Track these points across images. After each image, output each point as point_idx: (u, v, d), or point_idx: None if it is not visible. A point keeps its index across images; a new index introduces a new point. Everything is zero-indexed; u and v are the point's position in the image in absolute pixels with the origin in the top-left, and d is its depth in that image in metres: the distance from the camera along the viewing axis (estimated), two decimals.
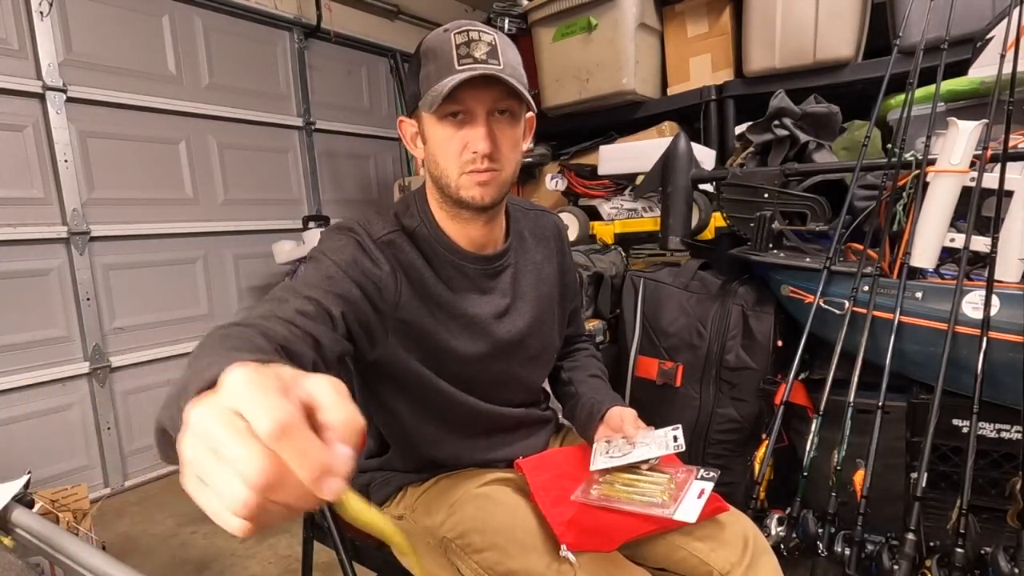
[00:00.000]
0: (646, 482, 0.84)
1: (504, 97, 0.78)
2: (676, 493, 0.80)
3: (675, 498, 0.78)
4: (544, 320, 0.96)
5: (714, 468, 0.84)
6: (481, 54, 0.76)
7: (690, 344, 1.69)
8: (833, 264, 1.42)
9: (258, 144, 2.86)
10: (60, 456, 2.23)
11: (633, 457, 0.86)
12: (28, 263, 2.13)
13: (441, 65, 0.76)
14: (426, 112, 0.79)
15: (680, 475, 0.84)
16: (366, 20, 3.32)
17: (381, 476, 0.95)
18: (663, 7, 2.33)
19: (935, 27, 1.58)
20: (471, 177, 0.79)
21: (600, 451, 0.90)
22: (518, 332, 0.91)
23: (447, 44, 0.77)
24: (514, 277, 0.92)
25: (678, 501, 0.78)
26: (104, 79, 2.29)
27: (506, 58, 0.78)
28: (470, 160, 0.79)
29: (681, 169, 1.84)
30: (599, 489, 0.83)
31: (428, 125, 0.81)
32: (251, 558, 1.83)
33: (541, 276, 0.96)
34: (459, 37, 0.76)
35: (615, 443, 0.90)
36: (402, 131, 0.89)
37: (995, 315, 1.20)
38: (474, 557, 0.78)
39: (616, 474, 0.86)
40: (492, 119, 0.79)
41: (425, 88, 0.78)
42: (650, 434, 0.89)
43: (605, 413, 0.95)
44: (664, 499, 0.79)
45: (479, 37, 0.77)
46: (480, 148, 0.77)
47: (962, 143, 1.29)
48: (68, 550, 0.74)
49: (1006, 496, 1.22)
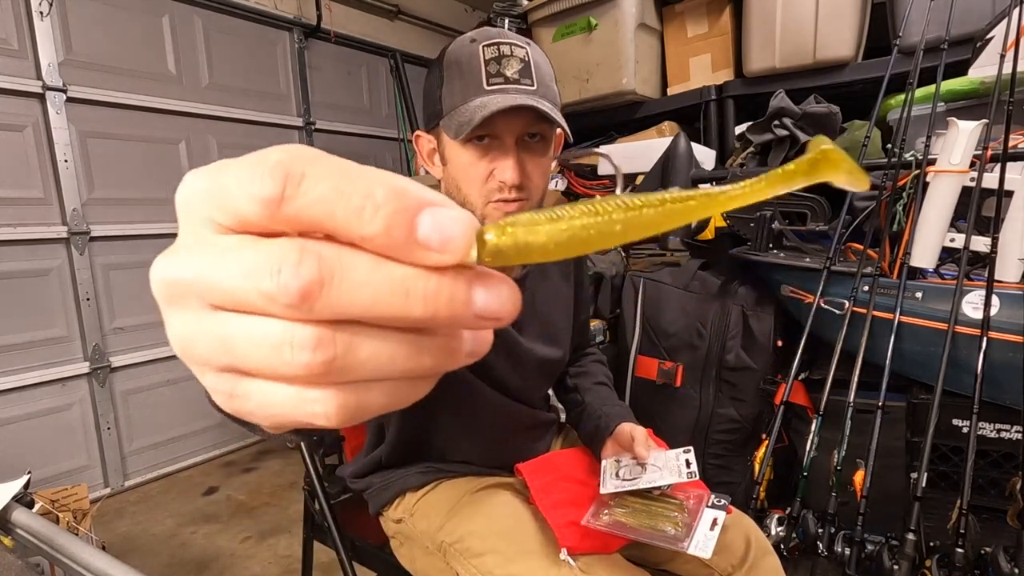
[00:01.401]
0: (658, 508, 0.82)
1: (536, 122, 0.72)
2: (689, 522, 0.78)
3: (689, 527, 0.77)
4: (558, 338, 0.95)
5: (724, 495, 0.82)
6: (513, 72, 0.69)
7: (690, 344, 1.69)
8: (833, 264, 1.42)
9: (258, 144, 2.75)
10: (60, 456, 2.23)
11: (644, 482, 0.83)
12: (28, 263, 2.13)
13: (468, 83, 0.69)
14: (448, 136, 0.73)
15: (691, 503, 0.82)
16: (366, 20, 3.32)
17: (380, 481, 0.94)
18: (663, 7, 2.33)
19: (935, 27, 1.58)
20: (497, 207, 0.73)
21: (610, 471, 0.87)
22: (531, 349, 0.90)
23: (475, 59, 0.70)
24: (531, 295, 0.90)
25: (692, 533, 0.76)
26: (104, 79, 2.29)
27: (539, 74, 0.71)
28: (496, 189, 0.73)
29: (681, 169, 1.84)
30: (611, 515, 0.81)
31: (450, 147, 0.75)
32: (251, 558, 1.83)
33: (558, 295, 0.95)
34: (488, 51, 0.69)
35: (625, 463, 0.88)
36: (418, 146, 0.82)
37: (995, 315, 1.20)
38: (473, 561, 0.78)
39: (627, 498, 0.84)
40: (521, 144, 0.73)
41: (448, 106, 0.71)
42: (662, 456, 0.87)
43: (615, 429, 0.92)
44: (677, 530, 0.77)
45: (511, 52, 0.69)
46: (508, 179, 0.71)
47: (962, 143, 1.29)
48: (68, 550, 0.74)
49: (1006, 496, 1.22)
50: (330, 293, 0.16)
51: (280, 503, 2.19)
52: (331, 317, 0.16)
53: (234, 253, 0.17)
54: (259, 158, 0.17)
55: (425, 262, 0.16)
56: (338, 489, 1.16)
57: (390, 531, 0.94)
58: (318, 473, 0.99)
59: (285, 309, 0.16)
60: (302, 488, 1.10)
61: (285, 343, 0.16)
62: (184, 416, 2.59)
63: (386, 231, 0.16)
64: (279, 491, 2.30)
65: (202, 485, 2.38)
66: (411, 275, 0.16)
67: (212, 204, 0.17)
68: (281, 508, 2.15)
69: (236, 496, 2.26)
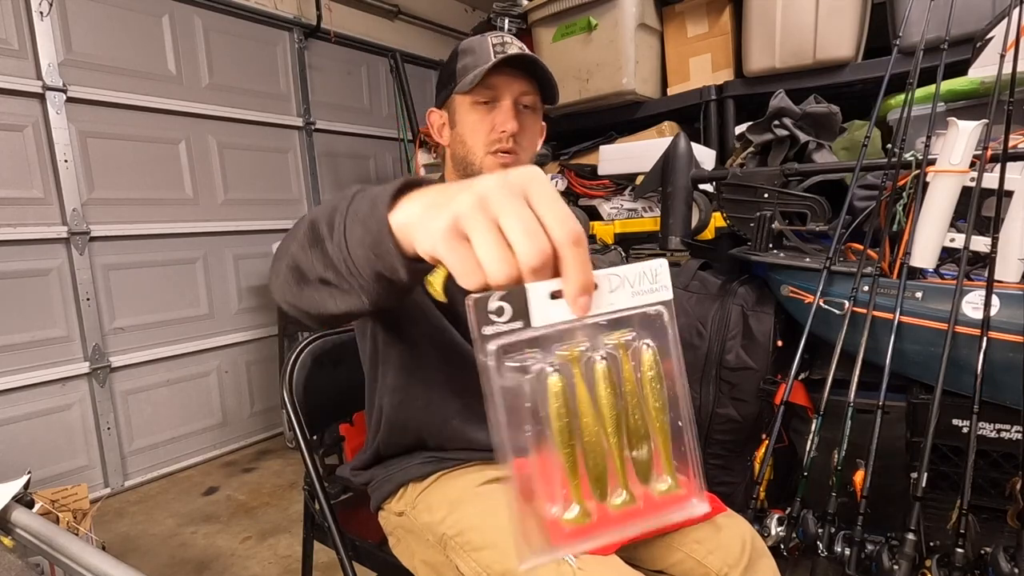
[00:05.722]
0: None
1: (530, 91, 0.90)
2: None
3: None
4: None
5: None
6: (514, 51, 0.87)
7: (690, 344, 1.69)
8: (833, 264, 1.42)
9: (258, 144, 2.86)
10: (60, 456, 2.23)
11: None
12: (28, 263, 2.13)
13: (479, 57, 0.87)
14: (460, 95, 0.89)
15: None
16: (366, 20, 3.32)
17: (383, 473, 0.95)
18: (663, 7, 2.33)
19: (935, 27, 1.58)
20: (495, 158, 0.89)
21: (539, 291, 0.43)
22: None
23: (485, 43, 0.89)
24: None
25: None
26: (104, 79, 2.30)
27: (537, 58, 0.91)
28: (496, 139, 0.88)
29: (681, 169, 1.84)
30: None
31: (460, 110, 0.91)
32: (251, 558, 1.83)
33: None
34: (495, 38, 0.89)
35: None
36: (430, 121, 0.98)
37: (995, 315, 1.20)
38: (472, 555, 0.78)
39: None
40: (517, 108, 0.89)
41: (461, 76, 0.88)
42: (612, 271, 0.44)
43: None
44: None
45: (512, 41, 0.89)
46: (509, 127, 0.87)
47: (962, 143, 1.29)
48: (68, 550, 0.74)
49: (1006, 496, 1.22)
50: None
51: (280, 503, 2.19)
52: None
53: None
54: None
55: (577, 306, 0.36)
56: (338, 489, 1.16)
57: (390, 526, 0.95)
58: (318, 473, 0.99)
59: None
60: (302, 488, 1.10)
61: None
62: (184, 416, 2.60)
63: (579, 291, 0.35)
64: (279, 491, 2.30)
65: (202, 485, 2.38)
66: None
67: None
68: (281, 508, 2.15)
69: (236, 496, 2.26)
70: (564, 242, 0.34)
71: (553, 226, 0.34)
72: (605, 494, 0.40)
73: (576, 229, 0.34)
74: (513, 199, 0.34)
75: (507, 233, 0.34)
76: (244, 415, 2.84)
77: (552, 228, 0.34)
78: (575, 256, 0.34)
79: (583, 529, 0.40)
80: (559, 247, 0.34)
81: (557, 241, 0.34)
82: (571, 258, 0.34)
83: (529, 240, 0.33)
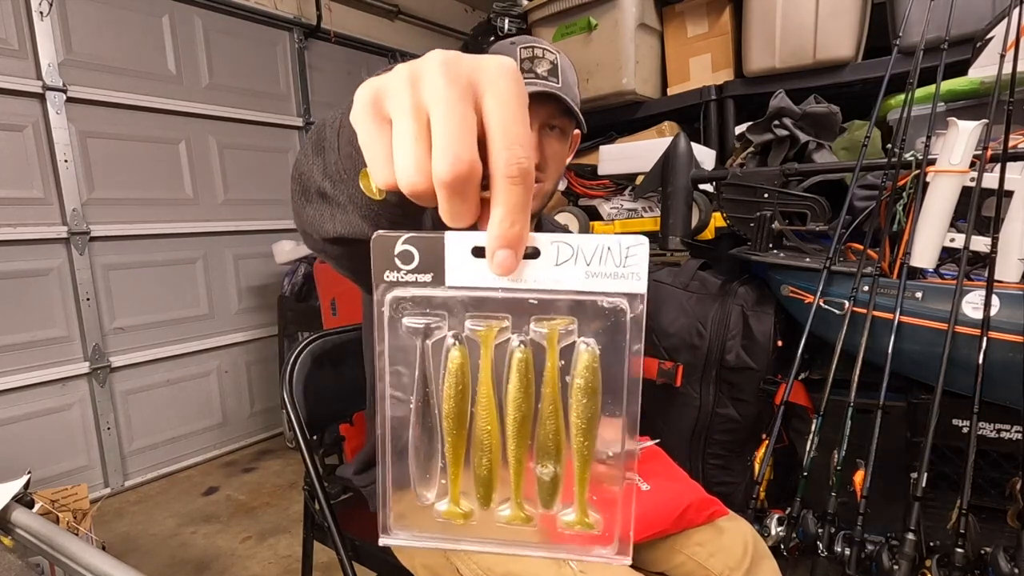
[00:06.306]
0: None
1: (558, 115, 0.85)
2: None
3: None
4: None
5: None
6: (543, 71, 0.81)
7: (690, 344, 1.69)
8: (833, 264, 1.42)
9: (258, 144, 2.86)
10: (60, 456, 2.23)
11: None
12: (28, 263, 2.13)
13: None
14: None
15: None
16: (366, 20, 3.32)
17: None
18: (663, 7, 2.32)
19: (935, 27, 1.58)
20: None
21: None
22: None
23: (512, 56, 0.81)
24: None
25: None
26: (104, 79, 2.29)
27: (564, 78, 0.84)
28: None
29: (681, 169, 1.84)
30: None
31: None
32: (251, 558, 1.83)
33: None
34: (524, 51, 0.82)
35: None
36: None
37: (995, 315, 1.20)
38: (473, 557, 0.78)
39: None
40: (543, 132, 0.85)
41: None
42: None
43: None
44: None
45: (543, 55, 0.82)
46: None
47: (962, 143, 1.29)
48: (68, 550, 0.74)
49: (1006, 496, 1.22)
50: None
51: (280, 503, 2.19)
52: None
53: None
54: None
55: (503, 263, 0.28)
56: (338, 489, 1.16)
57: None
58: (318, 473, 0.99)
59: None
60: (302, 488, 1.10)
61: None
62: (184, 416, 2.60)
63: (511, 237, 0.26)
64: (279, 491, 2.30)
65: (202, 485, 2.38)
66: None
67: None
68: (281, 508, 2.15)
69: (236, 496, 2.26)
70: (500, 166, 0.25)
71: (494, 139, 0.25)
72: (489, 501, 0.33)
73: (523, 157, 0.25)
74: (453, 87, 0.26)
75: (432, 128, 0.26)
76: (244, 415, 2.84)
77: (492, 141, 0.26)
78: (509, 193, 0.25)
79: (458, 528, 0.35)
80: (493, 171, 0.25)
81: (492, 162, 0.25)
82: (503, 192, 0.25)
83: (449, 145, 0.25)
